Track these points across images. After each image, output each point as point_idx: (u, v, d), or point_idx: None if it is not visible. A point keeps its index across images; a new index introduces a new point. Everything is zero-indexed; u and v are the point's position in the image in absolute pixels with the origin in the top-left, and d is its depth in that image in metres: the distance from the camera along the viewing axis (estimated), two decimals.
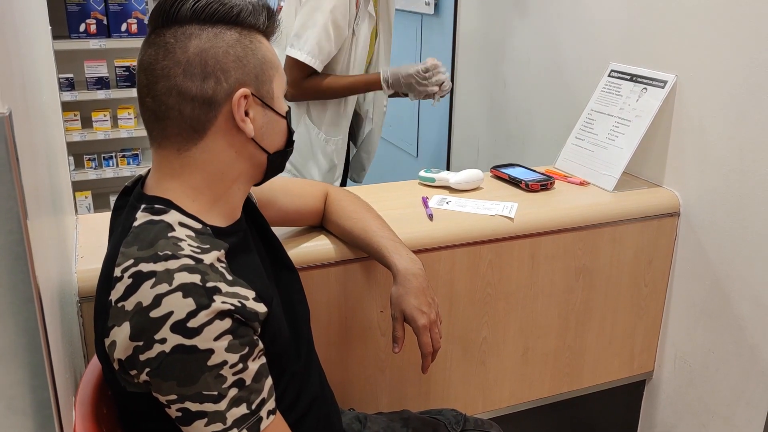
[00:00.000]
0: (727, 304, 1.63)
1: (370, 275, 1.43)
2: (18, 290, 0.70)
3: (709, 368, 1.71)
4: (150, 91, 0.91)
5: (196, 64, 0.89)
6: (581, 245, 1.63)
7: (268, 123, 0.97)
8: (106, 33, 3.21)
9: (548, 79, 2.15)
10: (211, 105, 0.91)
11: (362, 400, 1.53)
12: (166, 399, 0.84)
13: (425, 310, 1.19)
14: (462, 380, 1.62)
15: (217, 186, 0.95)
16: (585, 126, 1.85)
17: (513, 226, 1.53)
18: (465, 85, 2.66)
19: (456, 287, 1.53)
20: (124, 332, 0.83)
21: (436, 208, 1.57)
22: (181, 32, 0.90)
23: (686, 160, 1.67)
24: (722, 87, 1.55)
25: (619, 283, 1.72)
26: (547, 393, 1.75)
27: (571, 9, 2.00)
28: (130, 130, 3.42)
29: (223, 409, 0.84)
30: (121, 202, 1.01)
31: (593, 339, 1.74)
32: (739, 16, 1.49)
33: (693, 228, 1.68)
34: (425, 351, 1.19)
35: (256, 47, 0.94)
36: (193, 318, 0.82)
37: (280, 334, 0.97)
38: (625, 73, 1.79)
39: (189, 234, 0.90)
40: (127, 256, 0.86)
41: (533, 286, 1.61)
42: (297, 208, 1.34)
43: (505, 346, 1.64)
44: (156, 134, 0.94)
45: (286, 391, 1.02)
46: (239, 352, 0.85)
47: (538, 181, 1.70)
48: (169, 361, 0.82)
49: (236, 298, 0.86)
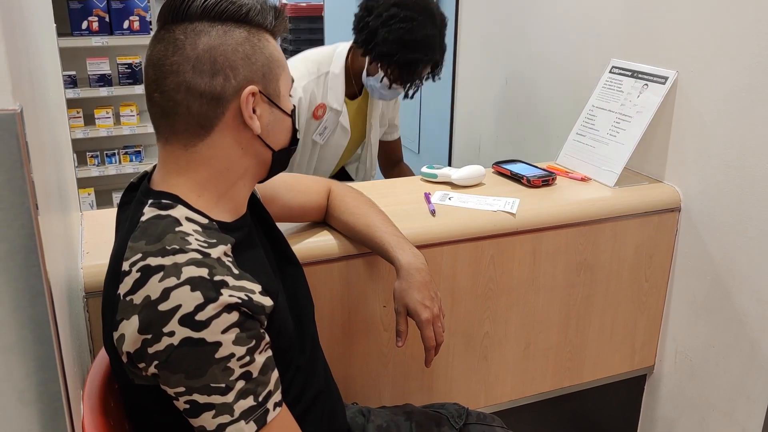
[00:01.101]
0: (728, 299, 1.64)
1: (373, 271, 1.44)
2: (30, 284, 0.71)
3: (710, 363, 1.72)
4: (158, 87, 0.92)
5: (205, 60, 0.90)
6: (582, 240, 1.64)
7: (274, 121, 0.98)
8: (109, 30, 3.23)
9: (550, 76, 2.16)
10: (219, 101, 0.92)
11: (365, 395, 1.54)
12: (174, 391, 0.85)
13: (428, 304, 1.20)
14: (464, 375, 1.63)
15: (223, 182, 0.96)
16: (586, 122, 1.85)
17: (515, 221, 1.54)
18: (466, 82, 2.67)
19: (458, 282, 1.54)
20: (132, 325, 0.84)
21: (438, 204, 1.58)
22: (191, 29, 0.91)
23: (687, 155, 1.68)
24: (723, 83, 1.56)
25: (620, 279, 1.73)
26: (549, 387, 1.76)
27: (572, 5, 2.01)
28: (132, 127, 3.43)
29: (231, 401, 0.85)
30: (126, 198, 1.02)
31: (594, 334, 1.75)
32: (740, 12, 1.50)
33: (694, 223, 1.69)
34: (428, 345, 1.20)
35: (264, 45, 0.95)
36: (201, 311, 0.83)
37: (285, 328, 0.98)
38: (627, 70, 1.79)
39: (196, 229, 0.91)
40: (135, 251, 0.87)
41: (535, 282, 1.62)
42: (300, 204, 1.35)
43: (506, 341, 1.65)
44: (163, 130, 0.95)
45: (291, 385, 1.03)
46: (246, 344, 0.86)
47: (539, 177, 1.71)
48: (177, 354, 0.83)
49: (243, 292, 0.87)
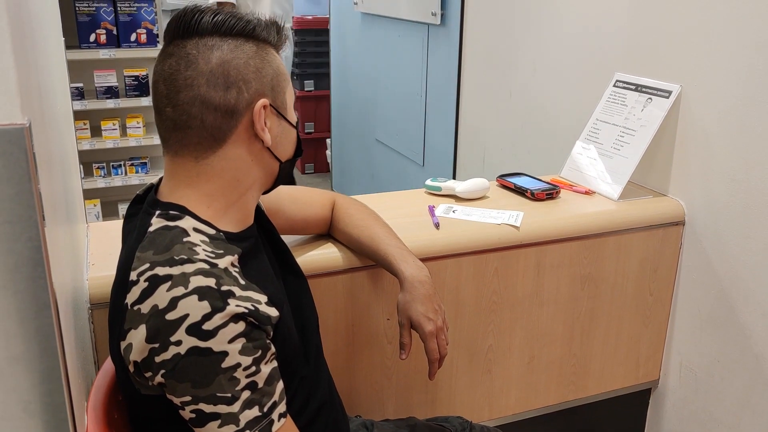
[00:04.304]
0: (732, 313, 1.63)
1: (376, 283, 1.45)
2: (36, 297, 0.72)
3: (715, 377, 1.71)
4: (171, 101, 0.93)
5: (219, 74, 0.92)
6: (587, 254, 1.64)
7: (282, 132, 1.00)
8: (116, 43, 3.25)
9: (553, 89, 2.17)
10: (233, 114, 0.93)
11: (369, 407, 1.54)
12: (181, 401, 0.86)
13: (432, 317, 1.20)
14: (468, 388, 1.63)
15: (232, 193, 0.97)
16: (590, 135, 1.86)
17: (519, 234, 1.54)
18: (471, 95, 2.68)
19: (462, 295, 1.54)
20: (140, 335, 0.85)
21: (442, 217, 1.58)
22: (203, 44, 0.93)
23: (691, 169, 1.68)
24: (726, 97, 1.56)
25: (625, 292, 1.72)
26: (553, 401, 1.76)
27: (576, 19, 2.02)
28: (138, 138, 3.44)
29: (237, 411, 0.86)
30: (133, 209, 1.03)
31: (598, 347, 1.75)
32: (743, 27, 1.51)
33: (698, 237, 1.69)
34: (432, 357, 1.20)
35: (271, 59, 0.98)
36: (209, 320, 0.84)
37: (290, 338, 0.99)
38: (630, 83, 1.80)
39: (203, 239, 0.92)
40: (143, 261, 0.88)
41: (539, 295, 1.62)
42: (304, 216, 1.36)
43: (510, 354, 1.65)
44: (173, 143, 0.95)
45: (295, 396, 1.03)
46: (252, 355, 0.87)
47: (543, 190, 1.71)
48: (184, 363, 0.83)
49: (249, 302, 0.88)
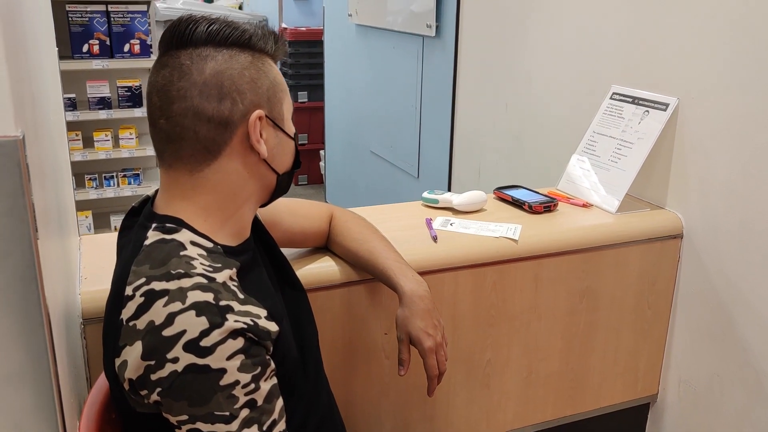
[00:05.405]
0: (732, 327, 1.62)
1: (374, 297, 1.43)
2: (28, 314, 0.70)
3: (714, 392, 1.70)
4: (164, 113, 0.91)
5: (212, 85, 0.90)
6: (584, 267, 1.63)
7: (278, 144, 0.98)
8: (109, 53, 3.24)
9: (550, 101, 2.17)
10: (227, 126, 0.91)
11: (366, 423, 1.52)
12: (177, 419, 0.84)
13: (431, 332, 1.18)
14: (466, 403, 1.61)
15: (229, 206, 0.96)
16: (587, 148, 1.85)
17: (517, 248, 1.53)
18: (466, 107, 2.67)
19: (460, 309, 1.52)
20: (135, 351, 0.82)
21: (440, 230, 1.57)
22: (197, 54, 0.91)
23: (689, 182, 1.68)
24: (724, 110, 1.56)
25: (623, 306, 1.71)
26: (551, 416, 1.74)
27: (573, 32, 2.02)
28: (131, 149, 3.42)
29: (235, 429, 0.83)
30: (128, 222, 1.01)
31: (597, 361, 1.74)
32: (740, 39, 1.51)
33: (696, 250, 1.68)
34: (431, 373, 1.18)
35: (268, 69, 0.96)
36: (206, 337, 0.82)
37: (289, 353, 0.97)
38: (627, 96, 1.80)
39: (201, 253, 0.90)
40: (138, 275, 0.86)
41: (537, 308, 1.61)
42: (302, 229, 1.34)
43: (508, 369, 1.63)
44: (167, 156, 0.94)
45: (295, 412, 1.01)
46: (251, 372, 0.85)
47: (541, 203, 1.70)
48: (181, 381, 0.81)
49: (249, 317, 0.86)
